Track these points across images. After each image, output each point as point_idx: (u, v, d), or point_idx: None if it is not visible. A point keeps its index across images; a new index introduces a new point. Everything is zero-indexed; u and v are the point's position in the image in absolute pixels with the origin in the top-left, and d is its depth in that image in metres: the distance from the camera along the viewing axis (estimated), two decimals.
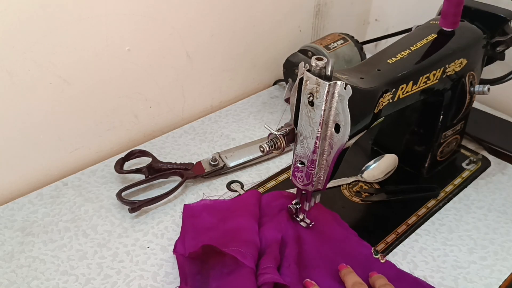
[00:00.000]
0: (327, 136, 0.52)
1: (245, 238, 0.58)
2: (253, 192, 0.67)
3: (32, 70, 0.65)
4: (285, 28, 0.94)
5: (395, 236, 0.64)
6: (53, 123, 0.71)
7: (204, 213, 0.65)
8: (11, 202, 0.69)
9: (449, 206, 0.69)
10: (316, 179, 0.55)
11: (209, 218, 0.64)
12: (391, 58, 0.58)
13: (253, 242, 0.58)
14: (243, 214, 0.62)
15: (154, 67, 0.78)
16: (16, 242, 0.63)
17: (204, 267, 0.58)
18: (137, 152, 0.74)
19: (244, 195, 0.68)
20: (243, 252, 0.55)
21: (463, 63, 0.65)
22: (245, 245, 0.56)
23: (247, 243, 0.57)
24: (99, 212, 0.67)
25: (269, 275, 0.53)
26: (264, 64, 0.95)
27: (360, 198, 0.70)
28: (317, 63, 0.49)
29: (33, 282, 0.58)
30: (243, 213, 0.63)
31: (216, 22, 0.82)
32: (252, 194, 0.67)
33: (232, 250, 0.55)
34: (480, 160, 0.76)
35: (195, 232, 0.62)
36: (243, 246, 0.56)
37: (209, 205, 0.67)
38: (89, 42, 0.68)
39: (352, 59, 0.86)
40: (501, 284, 0.59)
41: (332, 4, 1.00)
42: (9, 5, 0.59)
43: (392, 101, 0.57)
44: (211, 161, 0.73)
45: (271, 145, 0.54)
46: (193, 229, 0.63)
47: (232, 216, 0.63)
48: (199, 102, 0.89)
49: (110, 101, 0.75)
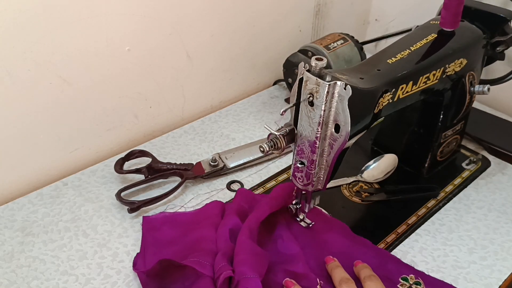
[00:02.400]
0: (327, 136, 0.52)
1: (204, 248, 0.57)
2: (216, 203, 0.66)
3: (32, 70, 0.65)
4: (285, 28, 0.94)
5: (395, 236, 0.64)
6: (53, 123, 0.71)
7: (165, 227, 0.63)
8: (11, 202, 0.69)
9: (449, 206, 0.69)
10: (316, 179, 0.55)
11: (170, 231, 0.62)
12: (391, 58, 0.58)
13: (212, 251, 0.56)
14: (205, 225, 0.61)
15: (154, 67, 0.78)
16: (16, 242, 0.63)
17: (165, 283, 0.56)
18: (137, 152, 0.74)
19: (206, 206, 0.66)
20: (201, 262, 0.54)
21: (463, 63, 0.65)
22: (203, 255, 0.55)
23: (205, 252, 0.56)
24: (99, 212, 0.67)
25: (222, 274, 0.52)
26: (264, 64, 0.95)
27: (360, 198, 0.70)
28: (317, 63, 0.49)
29: (33, 282, 0.58)
30: (206, 224, 0.61)
31: (216, 22, 0.82)
32: (215, 205, 0.65)
33: (190, 261, 0.54)
34: (480, 160, 0.76)
35: (156, 247, 0.60)
36: (201, 256, 0.55)
37: (169, 217, 0.65)
38: (89, 42, 0.68)
39: (352, 59, 0.86)
40: (501, 284, 0.59)
41: (332, 4, 1.00)
42: (9, 5, 0.59)
43: (392, 101, 0.57)
44: (211, 162, 0.73)
45: (271, 145, 0.54)
46: (153, 244, 0.61)
47: (194, 228, 0.61)
48: (199, 102, 0.89)
49: (110, 101, 0.76)
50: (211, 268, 0.54)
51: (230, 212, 0.62)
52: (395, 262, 0.59)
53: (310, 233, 0.62)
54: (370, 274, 0.55)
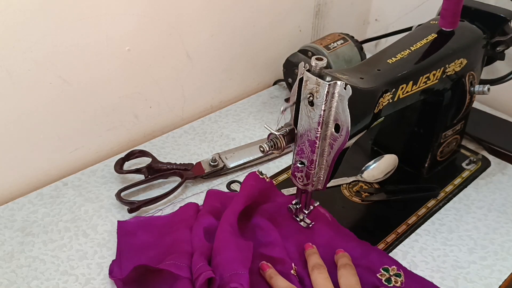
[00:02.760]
0: (327, 136, 0.52)
1: (180, 250, 0.56)
2: (190, 205, 0.65)
3: (32, 70, 0.65)
4: (285, 28, 0.94)
5: (395, 236, 0.64)
6: (53, 123, 0.71)
7: (140, 231, 0.62)
8: (11, 202, 0.69)
9: (449, 206, 0.69)
10: (316, 179, 0.55)
11: (145, 236, 0.62)
12: (391, 58, 0.58)
13: (188, 252, 0.56)
14: (180, 228, 0.60)
15: (154, 67, 0.78)
16: (16, 242, 0.63)
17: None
18: (137, 152, 0.74)
19: (181, 209, 0.65)
20: (178, 264, 0.54)
21: (463, 63, 0.65)
22: (179, 257, 0.55)
23: (181, 254, 0.55)
24: (99, 212, 0.67)
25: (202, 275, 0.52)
26: (264, 64, 0.95)
27: (360, 198, 0.70)
28: (317, 63, 0.49)
29: (33, 282, 0.58)
30: (181, 227, 0.61)
31: (216, 22, 0.82)
32: (189, 207, 0.65)
33: (166, 264, 0.54)
34: (480, 160, 0.76)
35: (131, 253, 0.59)
36: (177, 258, 0.55)
37: (144, 221, 0.64)
38: (89, 42, 0.68)
39: (352, 59, 0.86)
40: (501, 284, 0.59)
41: (332, 4, 1.00)
42: (9, 5, 0.59)
43: (392, 101, 0.57)
44: (210, 162, 0.73)
45: (271, 145, 0.54)
46: (128, 250, 0.60)
47: (170, 231, 0.61)
48: (199, 102, 0.89)
49: (110, 101, 0.75)
50: (188, 269, 0.54)
51: (204, 213, 0.62)
52: (379, 254, 0.60)
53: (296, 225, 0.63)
54: (346, 263, 0.55)
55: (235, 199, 0.62)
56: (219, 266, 0.54)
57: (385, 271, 0.58)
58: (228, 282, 0.51)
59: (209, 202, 0.65)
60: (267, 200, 0.65)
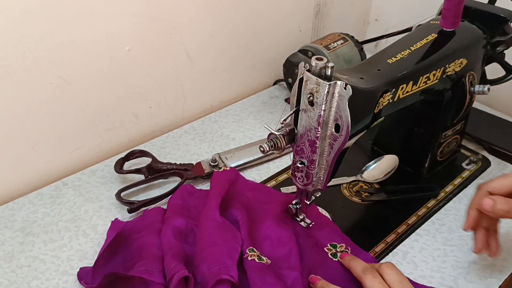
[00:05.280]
0: (327, 136, 0.52)
1: (149, 255, 0.56)
2: (156, 209, 0.65)
3: (32, 70, 0.65)
4: (285, 28, 0.94)
5: (395, 236, 0.64)
6: (53, 123, 0.71)
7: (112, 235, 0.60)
8: (11, 202, 0.69)
9: (449, 206, 0.69)
10: (316, 179, 0.55)
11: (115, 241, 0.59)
12: (391, 58, 0.58)
13: (158, 256, 0.56)
14: (148, 233, 0.60)
15: (154, 67, 0.78)
16: (16, 242, 0.63)
17: None
18: (137, 152, 0.74)
19: (146, 214, 0.65)
20: (149, 270, 0.53)
21: (463, 63, 0.65)
22: (149, 262, 0.54)
23: (151, 259, 0.55)
24: (99, 212, 0.67)
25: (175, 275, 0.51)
26: (264, 64, 0.95)
27: (360, 198, 0.70)
28: (317, 63, 0.49)
29: (33, 282, 0.58)
30: (148, 232, 0.60)
31: (216, 22, 0.82)
32: (155, 212, 0.64)
33: (137, 271, 0.53)
34: (480, 160, 0.76)
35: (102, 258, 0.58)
36: (148, 263, 0.54)
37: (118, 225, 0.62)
38: (89, 42, 0.68)
39: (352, 59, 0.86)
40: (501, 284, 0.59)
41: (332, 4, 1.00)
42: (9, 5, 0.59)
43: (392, 101, 0.57)
44: (211, 162, 0.73)
45: (271, 145, 0.54)
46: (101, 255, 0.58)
47: (137, 237, 0.60)
48: (199, 102, 0.89)
49: (110, 101, 0.75)
50: (160, 274, 0.53)
51: (171, 215, 0.62)
52: (332, 230, 0.62)
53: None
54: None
55: (210, 194, 0.63)
56: (207, 259, 0.54)
57: (333, 247, 0.60)
58: (217, 274, 0.52)
59: (172, 202, 0.65)
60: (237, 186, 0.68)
